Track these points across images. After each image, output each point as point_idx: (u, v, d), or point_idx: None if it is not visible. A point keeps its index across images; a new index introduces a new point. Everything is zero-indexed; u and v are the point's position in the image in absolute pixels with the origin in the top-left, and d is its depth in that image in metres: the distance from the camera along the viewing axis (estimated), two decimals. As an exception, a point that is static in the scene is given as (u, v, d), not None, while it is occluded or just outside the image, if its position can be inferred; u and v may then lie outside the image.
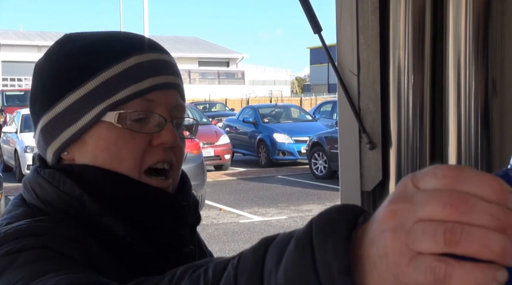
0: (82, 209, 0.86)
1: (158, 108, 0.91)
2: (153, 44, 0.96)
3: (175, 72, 0.96)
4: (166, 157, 0.91)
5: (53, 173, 0.89)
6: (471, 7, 1.37)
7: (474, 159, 1.40)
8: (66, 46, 0.93)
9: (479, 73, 1.39)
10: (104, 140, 0.89)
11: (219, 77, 51.34)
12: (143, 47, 0.93)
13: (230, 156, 15.39)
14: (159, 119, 0.90)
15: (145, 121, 0.90)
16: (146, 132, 0.90)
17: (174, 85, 0.94)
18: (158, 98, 0.91)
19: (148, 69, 0.91)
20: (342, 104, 1.55)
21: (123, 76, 0.89)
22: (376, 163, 1.52)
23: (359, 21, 1.51)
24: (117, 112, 0.88)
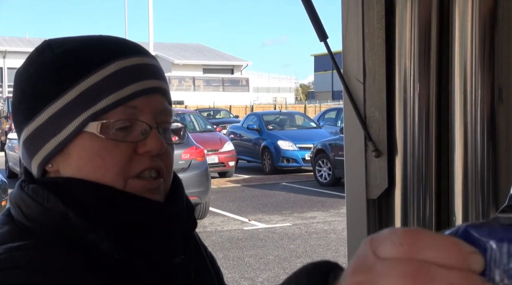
0: (68, 225, 0.83)
1: (143, 115, 0.88)
2: (135, 47, 0.92)
3: (160, 75, 0.93)
4: (153, 164, 0.88)
5: (37, 188, 0.86)
6: (477, 15, 1.37)
7: (480, 167, 1.40)
8: (45, 54, 0.89)
9: (485, 81, 1.38)
10: (87, 151, 0.86)
11: (224, 84, 51.40)
12: (125, 52, 0.89)
13: (235, 163, 15.39)
14: (144, 126, 0.88)
15: (130, 129, 0.87)
16: (130, 141, 0.87)
17: (158, 90, 0.91)
18: (142, 104, 0.88)
19: (130, 75, 0.88)
20: (347, 111, 1.55)
21: (104, 84, 0.86)
22: (382, 171, 1.51)
23: (365, 28, 1.51)
24: (99, 122, 0.85)
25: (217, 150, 14.68)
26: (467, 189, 1.41)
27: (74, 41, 0.91)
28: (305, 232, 9.09)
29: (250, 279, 6.75)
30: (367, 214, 1.55)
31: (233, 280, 6.71)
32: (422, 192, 1.48)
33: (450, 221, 1.46)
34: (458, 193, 1.43)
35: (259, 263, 7.34)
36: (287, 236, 8.82)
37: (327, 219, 10.03)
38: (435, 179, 1.48)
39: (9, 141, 16.09)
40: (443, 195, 1.49)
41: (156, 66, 0.93)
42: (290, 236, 8.85)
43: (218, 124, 21.34)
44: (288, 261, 7.45)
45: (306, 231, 9.15)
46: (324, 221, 9.84)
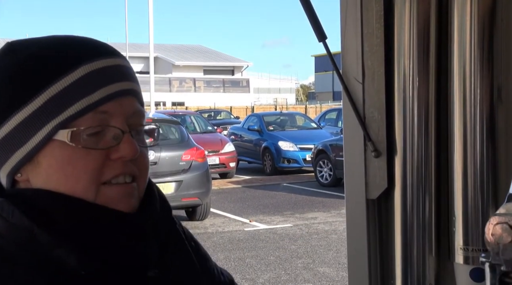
0: (33, 241, 0.80)
1: (114, 120, 0.85)
2: (104, 48, 0.89)
3: (130, 76, 0.89)
4: (126, 170, 0.86)
5: (2, 203, 0.82)
6: (476, 15, 1.37)
7: (480, 167, 1.40)
8: (7, 58, 0.85)
9: (484, 81, 1.38)
10: (57, 160, 0.83)
11: (224, 85, 51.43)
12: (93, 54, 0.86)
13: (235, 164, 15.40)
14: (116, 131, 0.85)
15: (101, 134, 0.84)
16: (102, 148, 0.84)
17: (130, 92, 0.88)
18: (113, 108, 0.84)
19: (99, 78, 0.84)
20: (346, 112, 1.55)
21: (71, 90, 0.82)
22: (381, 171, 1.51)
23: (364, 29, 1.51)
24: (69, 130, 0.82)
25: (217, 151, 14.69)
26: (467, 189, 1.41)
27: (39, 43, 0.87)
28: (306, 233, 9.09)
29: (251, 280, 6.75)
30: (366, 214, 1.55)
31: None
32: (422, 192, 1.48)
33: (450, 221, 1.46)
34: (458, 193, 1.43)
35: (260, 264, 7.34)
36: (288, 237, 8.82)
37: (328, 219, 10.03)
38: (435, 179, 1.48)
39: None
40: (443, 195, 1.49)
41: (126, 66, 0.89)
42: (291, 236, 8.85)
43: (219, 125, 21.37)
44: (289, 262, 7.45)
45: (307, 232, 9.15)
46: (325, 222, 9.84)
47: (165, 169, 9.41)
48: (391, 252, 1.53)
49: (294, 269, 7.16)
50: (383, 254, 1.56)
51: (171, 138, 10.46)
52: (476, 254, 1.40)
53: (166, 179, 9.32)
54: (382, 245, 1.57)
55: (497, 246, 0.96)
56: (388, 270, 1.55)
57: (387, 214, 1.55)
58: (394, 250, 1.52)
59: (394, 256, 1.53)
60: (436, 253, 1.50)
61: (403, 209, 1.50)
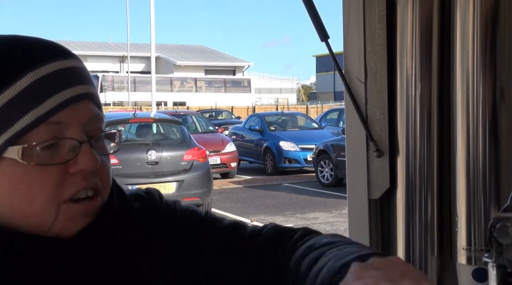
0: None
1: (70, 129, 0.77)
2: (53, 50, 0.79)
3: (84, 78, 0.80)
4: (87, 184, 0.78)
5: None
6: (478, 15, 1.37)
7: (482, 167, 1.40)
8: None
9: (487, 80, 1.38)
10: (10, 179, 0.75)
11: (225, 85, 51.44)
12: (40, 58, 0.76)
13: (237, 164, 15.40)
14: (72, 142, 0.77)
15: (56, 147, 0.76)
16: (59, 163, 0.76)
17: (84, 96, 0.79)
18: (67, 117, 0.76)
19: (48, 85, 0.75)
20: (349, 112, 1.55)
21: (18, 101, 0.74)
22: (384, 171, 1.51)
23: (366, 29, 1.51)
24: (19, 146, 0.74)
25: (219, 151, 14.69)
26: (469, 188, 1.41)
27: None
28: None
29: (252, 280, 6.74)
30: (369, 214, 1.55)
31: (235, 281, 6.70)
32: (424, 192, 1.48)
33: (452, 221, 1.46)
34: (460, 193, 1.43)
35: (262, 264, 7.33)
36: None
37: (329, 219, 10.02)
38: (437, 179, 1.48)
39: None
40: (445, 194, 1.49)
41: (79, 68, 0.81)
42: (292, 237, 8.85)
43: (220, 125, 21.37)
44: (291, 262, 7.45)
45: (308, 232, 9.14)
46: (326, 222, 9.84)
47: (166, 169, 9.42)
48: (393, 252, 1.53)
49: (295, 269, 7.14)
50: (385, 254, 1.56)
51: (172, 138, 10.47)
52: (478, 254, 1.40)
53: (168, 179, 9.32)
54: (384, 245, 1.56)
55: (500, 246, 0.96)
56: (390, 270, 1.55)
57: (389, 214, 1.55)
58: (396, 250, 1.52)
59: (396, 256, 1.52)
60: (439, 253, 1.50)
61: (405, 209, 1.50)
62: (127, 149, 9.59)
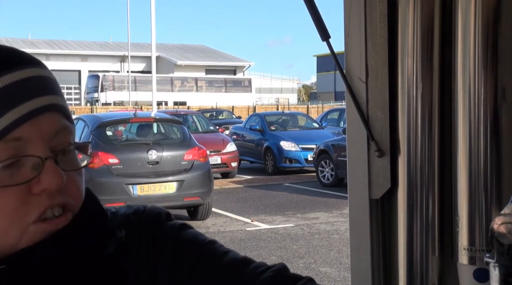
0: None
1: (31, 145, 0.71)
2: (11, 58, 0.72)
3: (48, 88, 0.74)
4: (54, 202, 0.72)
5: None
6: (480, 14, 1.36)
7: (484, 167, 1.39)
8: None
9: (489, 80, 1.38)
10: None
11: (226, 85, 51.46)
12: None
13: (237, 164, 15.41)
14: (34, 160, 0.71)
15: (17, 166, 0.70)
16: (20, 183, 0.70)
17: (48, 107, 0.72)
18: (28, 132, 0.70)
19: (5, 100, 0.69)
20: (350, 111, 1.54)
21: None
22: (385, 170, 1.51)
23: (368, 28, 1.50)
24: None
25: (219, 151, 14.70)
26: (471, 188, 1.41)
27: None
28: (308, 233, 9.08)
29: (252, 280, 6.74)
30: (369, 214, 1.54)
31: (235, 281, 6.70)
32: (425, 191, 1.47)
33: (454, 220, 1.46)
34: (462, 192, 1.42)
35: (262, 264, 7.33)
36: (290, 237, 8.82)
37: (330, 219, 10.02)
38: (438, 179, 1.48)
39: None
40: (446, 194, 1.48)
41: (40, 77, 0.74)
42: (293, 236, 8.85)
43: (221, 125, 21.37)
44: (291, 262, 7.45)
45: (309, 232, 9.14)
46: (327, 222, 9.83)
47: (167, 169, 9.42)
48: (394, 252, 1.53)
49: (295, 269, 7.15)
50: (386, 254, 1.56)
51: (173, 138, 10.47)
52: (480, 255, 1.39)
53: (168, 179, 9.33)
54: (385, 245, 1.56)
55: (501, 247, 0.95)
56: (391, 270, 1.55)
57: (390, 214, 1.54)
58: (398, 250, 1.52)
59: (397, 256, 1.52)
60: (440, 253, 1.49)
61: (407, 209, 1.49)
62: (127, 149, 9.59)
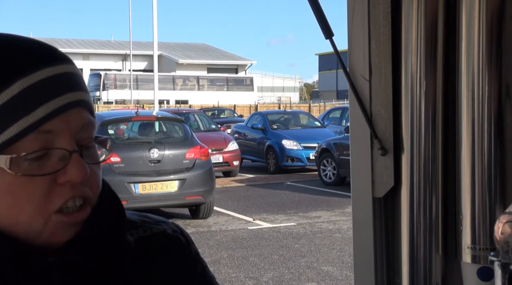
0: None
1: (60, 139, 0.75)
2: (46, 54, 0.78)
3: (77, 85, 0.79)
4: (76, 193, 0.77)
5: None
6: (484, 12, 1.36)
7: (487, 165, 1.39)
8: None
9: (493, 78, 1.37)
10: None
11: (228, 84, 51.45)
12: (31, 64, 0.75)
13: (239, 163, 15.41)
14: (62, 152, 0.75)
15: (46, 157, 0.75)
16: (47, 173, 0.75)
17: (76, 103, 0.77)
18: (58, 126, 0.75)
19: (39, 93, 0.74)
20: (353, 109, 1.54)
21: (7, 109, 0.72)
22: (388, 169, 1.50)
23: (371, 26, 1.50)
24: (7, 156, 0.72)
25: (221, 149, 14.69)
26: (474, 187, 1.40)
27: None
28: (310, 232, 9.08)
29: (254, 279, 6.74)
30: (373, 213, 1.54)
31: (237, 279, 6.71)
32: (429, 190, 1.47)
33: (457, 219, 1.45)
34: (465, 191, 1.42)
35: (264, 263, 7.34)
36: (292, 236, 8.82)
37: (332, 218, 10.02)
38: (442, 177, 1.47)
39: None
40: (450, 193, 1.48)
41: (71, 73, 0.79)
42: (295, 235, 8.85)
43: (223, 124, 21.38)
44: (293, 261, 7.45)
45: (311, 231, 9.14)
46: (329, 221, 9.83)
47: (168, 167, 9.42)
48: (398, 251, 1.53)
49: (297, 268, 7.15)
50: (389, 253, 1.56)
51: (174, 136, 10.47)
52: (483, 253, 1.39)
53: (170, 177, 9.33)
54: (388, 244, 1.56)
55: (506, 245, 0.95)
56: (395, 269, 1.54)
57: (394, 212, 1.54)
58: (401, 249, 1.51)
59: (400, 255, 1.52)
60: (443, 252, 1.49)
61: (410, 207, 1.49)
62: (129, 147, 9.59)
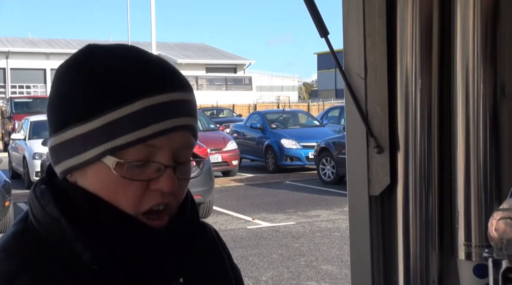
0: (61, 232, 0.88)
1: (161, 153, 0.89)
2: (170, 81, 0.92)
3: (189, 112, 0.92)
4: (163, 201, 0.91)
5: (44, 191, 0.91)
6: (479, 10, 1.36)
7: (483, 163, 1.39)
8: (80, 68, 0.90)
9: (488, 76, 1.38)
10: (101, 180, 0.89)
11: (227, 83, 51.40)
12: (155, 88, 0.89)
13: (238, 162, 15.40)
14: (159, 166, 0.89)
15: (146, 166, 0.89)
16: (144, 180, 0.89)
17: (183, 127, 0.91)
18: (162, 143, 0.89)
19: (154, 114, 0.88)
20: (349, 108, 1.54)
21: (126, 121, 0.87)
22: (384, 167, 1.51)
23: (366, 25, 1.50)
24: (115, 159, 0.87)
25: (220, 149, 14.69)
26: (470, 185, 1.41)
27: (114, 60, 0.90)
28: (309, 231, 9.08)
29: (254, 278, 6.75)
30: (369, 211, 1.54)
31: (237, 278, 6.70)
32: (425, 188, 1.47)
33: (453, 217, 1.46)
34: (461, 189, 1.42)
35: (263, 262, 7.34)
36: (291, 235, 8.82)
37: (331, 217, 10.02)
38: (438, 175, 1.48)
39: (12, 142, 16.11)
40: (446, 190, 1.48)
41: (186, 101, 0.92)
42: (294, 234, 8.85)
43: (221, 123, 21.35)
44: (292, 260, 7.45)
45: (310, 230, 9.14)
46: (328, 220, 9.83)
47: (167, 167, 9.40)
48: (394, 248, 1.53)
49: (297, 267, 7.15)
50: (386, 250, 1.56)
51: (173, 136, 10.45)
52: (479, 250, 1.40)
53: (169, 177, 9.30)
54: (385, 241, 1.56)
55: (500, 241, 0.95)
56: (391, 266, 1.55)
57: (390, 210, 1.54)
58: (397, 246, 1.52)
59: (397, 252, 1.52)
60: (439, 249, 1.50)
61: (406, 205, 1.49)
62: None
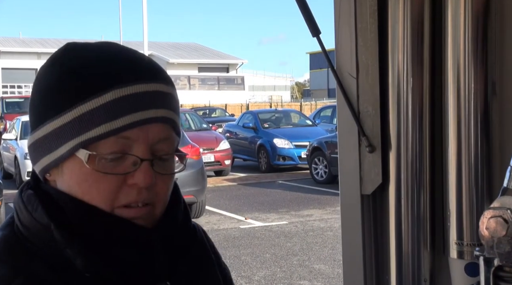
0: (51, 238, 0.85)
1: (136, 146, 0.86)
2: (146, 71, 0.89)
3: (165, 104, 0.89)
4: (140, 198, 0.87)
5: (30, 196, 0.89)
6: (470, 9, 1.37)
7: (474, 161, 1.40)
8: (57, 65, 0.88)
9: (479, 75, 1.38)
10: (76, 175, 0.86)
11: (219, 83, 51.34)
12: (128, 78, 0.86)
13: (230, 162, 15.39)
14: (135, 159, 0.86)
15: (121, 160, 0.86)
16: (119, 173, 0.86)
17: (159, 119, 0.87)
18: (136, 135, 0.85)
19: (126, 105, 0.85)
20: (341, 107, 1.54)
21: (97, 112, 0.84)
22: (376, 166, 1.51)
23: (358, 24, 1.50)
24: (87, 152, 0.84)
25: (213, 148, 14.67)
26: (461, 183, 1.41)
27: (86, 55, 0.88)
28: (302, 230, 9.09)
29: (247, 278, 6.75)
30: (361, 210, 1.54)
31: (230, 278, 6.70)
32: (416, 186, 1.48)
33: (444, 216, 1.46)
34: (452, 187, 1.43)
35: (256, 262, 7.34)
36: (284, 234, 8.82)
37: (324, 216, 10.03)
38: (429, 174, 1.48)
39: (4, 142, 16.04)
40: (437, 189, 1.49)
41: (162, 93, 0.88)
42: (287, 234, 8.85)
43: (214, 123, 21.32)
44: (285, 259, 7.46)
45: (303, 229, 9.15)
46: (320, 219, 9.85)
47: (160, 167, 9.39)
48: (386, 247, 1.53)
49: (289, 266, 7.16)
50: (378, 249, 1.56)
51: (166, 136, 10.43)
52: (470, 249, 1.40)
53: (161, 177, 9.29)
54: (377, 240, 1.56)
55: (491, 240, 0.96)
56: (383, 265, 1.55)
57: (382, 209, 1.55)
58: (389, 245, 1.52)
59: (389, 251, 1.52)
60: (431, 248, 1.50)
61: (398, 204, 1.49)
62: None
